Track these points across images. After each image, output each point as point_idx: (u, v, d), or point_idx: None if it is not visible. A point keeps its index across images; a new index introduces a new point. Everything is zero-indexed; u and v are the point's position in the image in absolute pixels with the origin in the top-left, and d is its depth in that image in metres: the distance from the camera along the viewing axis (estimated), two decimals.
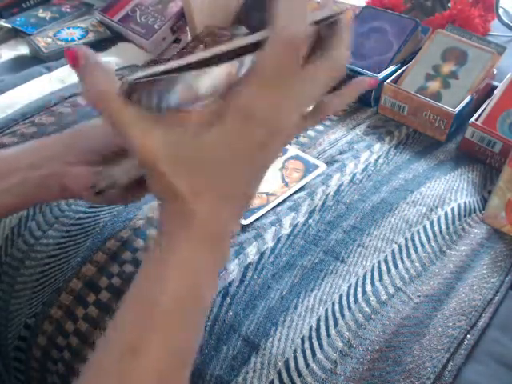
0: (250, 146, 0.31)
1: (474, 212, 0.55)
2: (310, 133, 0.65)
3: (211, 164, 0.31)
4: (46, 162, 0.41)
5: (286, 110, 0.31)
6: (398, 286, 0.47)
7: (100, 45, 0.84)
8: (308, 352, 0.41)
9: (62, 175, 0.41)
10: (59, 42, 0.82)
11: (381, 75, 0.69)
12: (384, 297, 0.45)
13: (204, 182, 0.31)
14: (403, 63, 0.72)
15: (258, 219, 0.52)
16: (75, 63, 0.29)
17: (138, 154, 0.30)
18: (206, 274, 0.32)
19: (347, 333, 0.43)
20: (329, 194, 0.56)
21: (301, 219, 0.53)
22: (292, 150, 0.62)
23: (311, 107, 0.35)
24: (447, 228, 0.52)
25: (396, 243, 0.51)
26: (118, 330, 0.31)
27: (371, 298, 0.45)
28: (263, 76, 0.29)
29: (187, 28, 0.83)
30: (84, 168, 0.41)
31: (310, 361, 0.41)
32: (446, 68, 0.68)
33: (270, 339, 0.42)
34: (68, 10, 0.92)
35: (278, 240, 0.51)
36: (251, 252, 0.49)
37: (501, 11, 0.91)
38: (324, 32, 0.33)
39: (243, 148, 0.31)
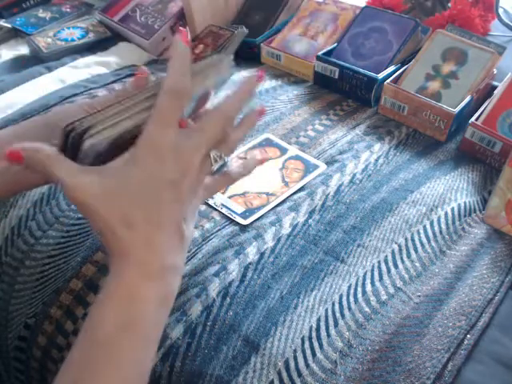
0: (162, 182, 0.34)
1: (474, 212, 0.55)
2: (310, 133, 0.65)
3: (137, 197, 0.34)
4: None
5: (185, 149, 0.35)
6: (398, 286, 0.47)
7: (100, 45, 0.84)
8: (308, 352, 0.41)
9: None
10: (59, 42, 0.82)
11: (381, 75, 0.69)
12: (384, 297, 0.45)
13: (135, 214, 0.33)
14: (403, 63, 0.72)
15: (258, 219, 0.52)
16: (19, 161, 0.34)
17: (68, 194, 0.34)
18: (149, 303, 0.34)
19: (347, 333, 0.43)
20: (329, 194, 0.56)
21: (301, 219, 0.53)
22: (292, 149, 0.62)
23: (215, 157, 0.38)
24: (447, 228, 0.52)
25: (396, 243, 0.51)
26: (67, 361, 0.33)
27: (371, 298, 0.45)
28: (157, 117, 0.35)
29: (187, 28, 0.83)
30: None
31: (310, 361, 0.41)
32: (446, 68, 0.68)
33: (270, 339, 0.42)
34: (68, 10, 0.93)
35: (278, 240, 0.51)
36: (251, 252, 0.49)
37: (501, 11, 0.91)
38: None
39: (157, 183, 0.34)
